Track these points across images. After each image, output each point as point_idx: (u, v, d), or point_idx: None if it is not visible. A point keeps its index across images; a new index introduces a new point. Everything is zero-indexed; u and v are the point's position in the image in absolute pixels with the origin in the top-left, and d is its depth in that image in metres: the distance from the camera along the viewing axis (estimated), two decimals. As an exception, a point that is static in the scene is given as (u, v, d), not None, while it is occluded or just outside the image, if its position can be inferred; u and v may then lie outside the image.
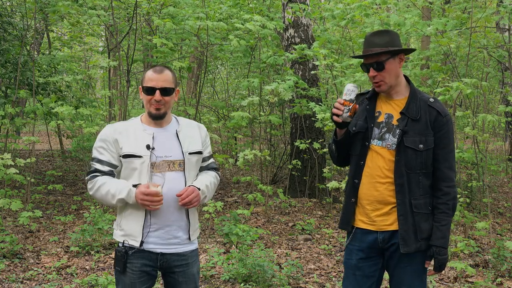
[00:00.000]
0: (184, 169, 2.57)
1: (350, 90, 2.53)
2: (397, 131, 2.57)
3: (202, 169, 2.74)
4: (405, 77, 2.69)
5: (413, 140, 2.54)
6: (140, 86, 2.61)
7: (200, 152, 2.66)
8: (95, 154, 2.58)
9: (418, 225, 2.55)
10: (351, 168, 2.72)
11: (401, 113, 2.60)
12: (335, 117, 2.58)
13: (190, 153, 2.60)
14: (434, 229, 2.55)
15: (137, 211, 2.51)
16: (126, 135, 2.55)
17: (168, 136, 2.60)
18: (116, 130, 2.56)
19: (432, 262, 2.60)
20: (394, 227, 2.58)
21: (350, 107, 2.52)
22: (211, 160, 2.81)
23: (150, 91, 2.52)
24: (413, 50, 2.73)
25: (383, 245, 2.62)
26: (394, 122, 2.61)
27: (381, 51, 2.54)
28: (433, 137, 2.56)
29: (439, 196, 2.57)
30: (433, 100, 2.61)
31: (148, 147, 2.52)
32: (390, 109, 2.65)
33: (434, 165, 2.58)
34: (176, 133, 2.62)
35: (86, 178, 2.61)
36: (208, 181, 2.66)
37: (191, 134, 2.66)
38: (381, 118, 2.65)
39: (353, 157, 2.70)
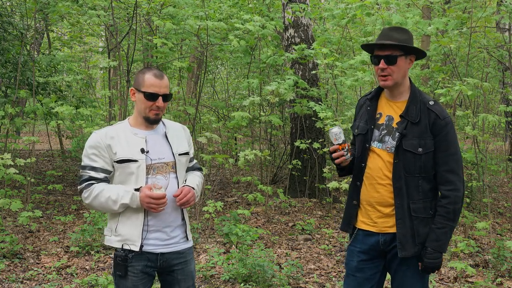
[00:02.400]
0: (176, 170, 2.59)
1: (338, 133, 2.58)
2: (397, 134, 2.55)
3: (188, 169, 2.77)
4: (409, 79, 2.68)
5: (411, 144, 2.51)
6: (133, 89, 2.57)
7: (187, 153, 2.68)
8: (87, 162, 2.52)
9: (417, 229, 2.52)
10: (353, 170, 2.72)
11: (400, 116, 2.57)
12: (342, 164, 2.64)
13: (179, 154, 2.62)
14: (430, 231, 2.51)
15: (136, 215, 2.50)
16: (118, 139, 2.52)
17: (158, 138, 2.60)
18: (107, 135, 2.52)
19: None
20: (395, 229, 2.56)
21: (346, 147, 2.59)
22: (195, 160, 2.85)
23: (153, 97, 2.50)
24: (425, 54, 2.68)
25: (385, 247, 2.61)
26: (394, 124, 2.59)
27: (398, 44, 2.51)
28: (433, 140, 2.52)
29: (439, 199, 2.54)
30: (432, 102, 2.57)
31: (142, 150, 2.51)
32: (391, 111, 2.63)
33: (434, 168, 2.54)
34: (165, 134, 2.63)
35: (79, 187, 2.53)
36: (197, 181, 2.70)
37: (177, 135, 2.68)
38: (382, 120, 2.64)
39: (355, 159, 2.70)
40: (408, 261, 2.56)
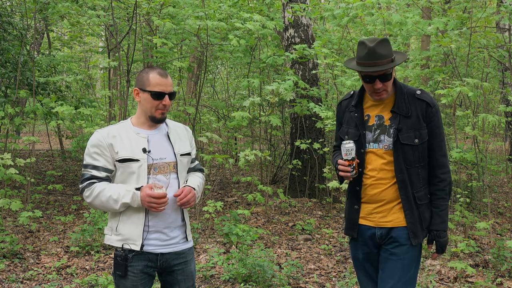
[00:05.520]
0: (177, 170, 2.59)
1: (349, 149, 2.61)
2: (392, 130, 2.61)
3: (189, 170, 2.77)
4: None
5: (407, 136, 2.60)
6: (138, 89, 2.56)
7: (189, 154, 2.68)
8: (88, 160, 2.52)
9: (423, 215, 2.64)
10: None
11: (392, 111, 2.63)
12: (346, 178, 2.69)
13: (181, 155, 2.62)
14: (434, 215, 2.65)
15: (137, 214, 2.50)
16: (120, 139, 2.52)
17: (160, 138, 2.60)
18: (109, 134, 2.52)
19: (434, 246, 2.70)
20: (392, 224, 2.64)
21: (354, 165, 2.63)
22: (197, 161, 2.85)
23: (159, 96, 2.51)
24: (406, 59, 2.79)
25: (380, 241, 2.68)
26: (386, 122, 2.65)
27: (389, 66, 2.53)
28: (426, 128, 2.62)
29: (436, 183, 2.65)
30: (420, 92, 2.66)
31: (144, 150, 2.51)
32: (379, 111, 2.68)
33: (429, 154, 2.66)
34: (167, 134, 2.63)
35: (80, 186, 2.52)
36: (198, 182, 2.71)
37: (180, 136, 2.68)
38: (372, 121, 2.69)
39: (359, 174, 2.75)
40: (398, 254, 2.62)
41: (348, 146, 2.61)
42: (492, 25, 9.27)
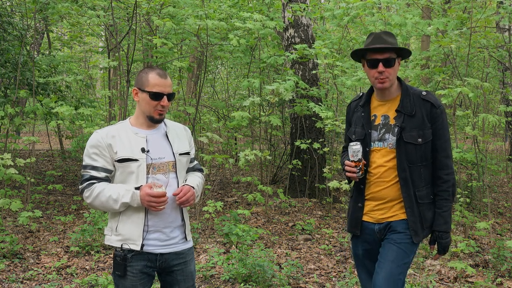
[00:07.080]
0: (176, 170, 2.59)
1: (356, 151, 2.65)
2: (396, 129, 2.66)
3: (188, 170, 2.78)
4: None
5: (411, 135, 2.64)
6: (136, 88, 2.57)
7: (188, 153, 2.69)
8: (88, 161, 2.52)
9: (423, 214, 2.67)
10: None
11: (396, 110, 2.69)
12: (352, 179, 2.75)
13: (180, 154, 2.63)
14: (437, 216, 2.67)
15: (137, 214, 2.50)
16: (119, 139, 2.52)
17: (159, 138, 2.61)
18: (108, 134, 2.53)
19: (436, 246, 2.73)
20: (391, 219, 2.70)
21: (360, 166, 2.67)
22: (196, 161, 2.86)
23: (157, 96, 2.51)
24: (410, 54, 2.85)
25: (380, 235, 2.74)
26: (391, 121, 2.70)
27: (395, 47, 2.64)
28: (430, 129, 2.65)
29: (439, 184, 2.68)
30: (425, 93, 2.71)
31: (143, 150, 2.51)
32: (385, 110, 2.74)
33: (432, 155, 2.69)
34: (166, 134, 2.64)
35: (80, 186, 2.53)
36: (197, 181, 2.71)
37: (178, 135, 2.69)
38: (378, 121, 2.75)
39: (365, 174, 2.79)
40: (396, 239, 2.66)
41: (355, 148, 2.65)
42: (492, 25, 9.27)
